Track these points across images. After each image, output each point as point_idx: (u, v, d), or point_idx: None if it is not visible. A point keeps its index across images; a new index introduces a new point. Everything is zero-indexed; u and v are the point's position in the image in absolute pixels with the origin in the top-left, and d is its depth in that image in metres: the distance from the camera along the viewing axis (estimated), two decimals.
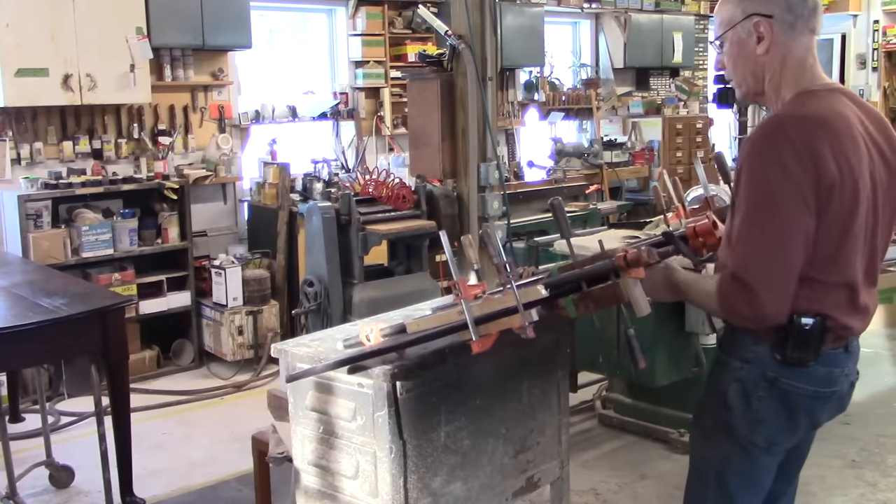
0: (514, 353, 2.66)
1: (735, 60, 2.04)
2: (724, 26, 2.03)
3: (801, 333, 1.93)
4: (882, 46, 10.48)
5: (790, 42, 1.98)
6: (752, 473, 2.11)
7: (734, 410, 2.05)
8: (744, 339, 2.04)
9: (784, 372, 1.98)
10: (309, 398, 2.52)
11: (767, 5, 1.96)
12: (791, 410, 2.03)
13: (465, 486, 2.55)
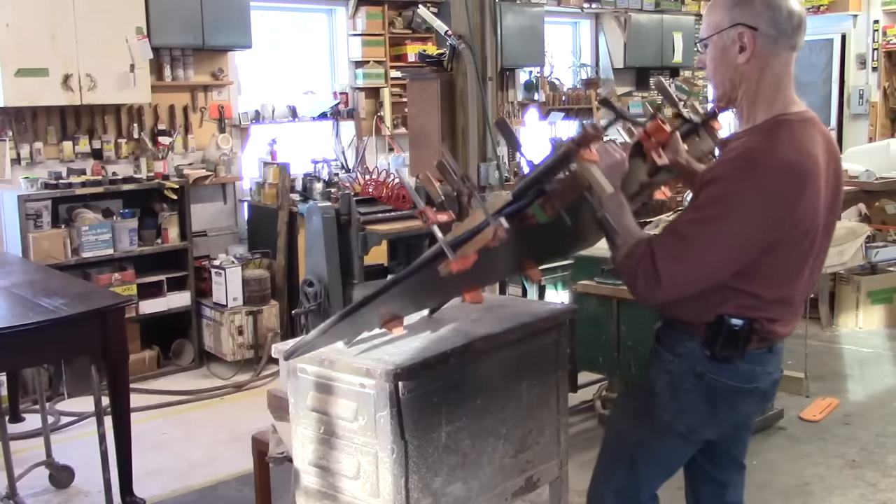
0: (513, 354, 2.67)
1: (716, 64, 2.10)
2: (710, 30, 2.08)
3: (730, 334, 2.06)
4: (882, 46, 10.47)
5: (770, 56, 2.03)
6: (663, 457, 2.26)
7: (660, 398, 2.19)
8: (678, 335, 2.17)
9: (711, 367, 2.11)
10: (310, 398, 2.52)
11: (754, 18, 2.01)
12: (713, 403, 2.15)
13: (466, 487, 2.55)
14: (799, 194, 1.96)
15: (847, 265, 4.78)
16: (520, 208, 2.06)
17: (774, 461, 4.09)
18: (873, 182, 6.56)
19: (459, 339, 2.55)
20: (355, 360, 2.42)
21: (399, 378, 2.31)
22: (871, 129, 10.50)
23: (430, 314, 2.89)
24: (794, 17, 2.02)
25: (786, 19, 2.01)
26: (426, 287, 2.35)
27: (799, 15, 2.03)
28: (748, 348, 2.09)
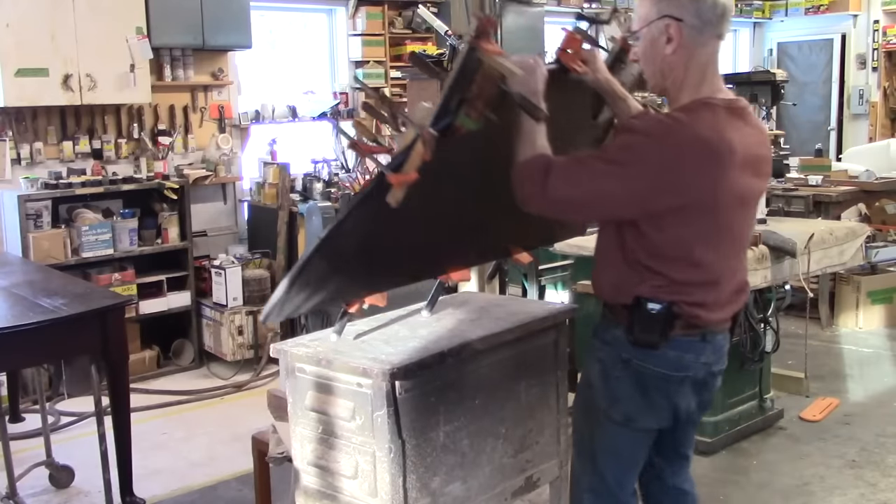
0: (511, 353, 2.67)
1: (647, 56, 2.17)
2: (640, 22, 2.15)
3: (647, 317, 2.11)
4: (882, 46, 10.47)
5: (696, 46, 2.10)
6: (616, 448, 2.29)
7: (595, 388, 2.26)
8: (606, 324, 2.25)
9: (636, 353, 2.16)
10: (308, 398, 2.52)
11: (679, 9, 2.07)
12: (645, 390, 2.20)
13: (465, 486, 2.55)
14: (700, 169, 2.01)
15: (847, 265, 4.77)
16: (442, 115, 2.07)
17: (774, 461, 4.09)
18: (873, 182, 6.56)
19: (457, 339, 2.56)
20: (353, 360, 2.42)
21: (396, 377, 2.32)
22: (871, 129, 10.49)
23: (430, 311, 2.90)
24: (717, 6, 2.08)
25: (710, 9, 2.07)
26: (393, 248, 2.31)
27: (723, 5, 2.09)
28: (673, 334, 2.13)
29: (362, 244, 2.21)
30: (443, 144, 2.03)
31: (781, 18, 11.07)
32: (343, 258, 2.21)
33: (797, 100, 10.29)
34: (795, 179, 6.77)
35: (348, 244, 2.18)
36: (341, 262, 2.22)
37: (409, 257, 2.41)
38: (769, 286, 4.24)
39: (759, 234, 4.17)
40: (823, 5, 10.62)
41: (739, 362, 4.28)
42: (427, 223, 2.29)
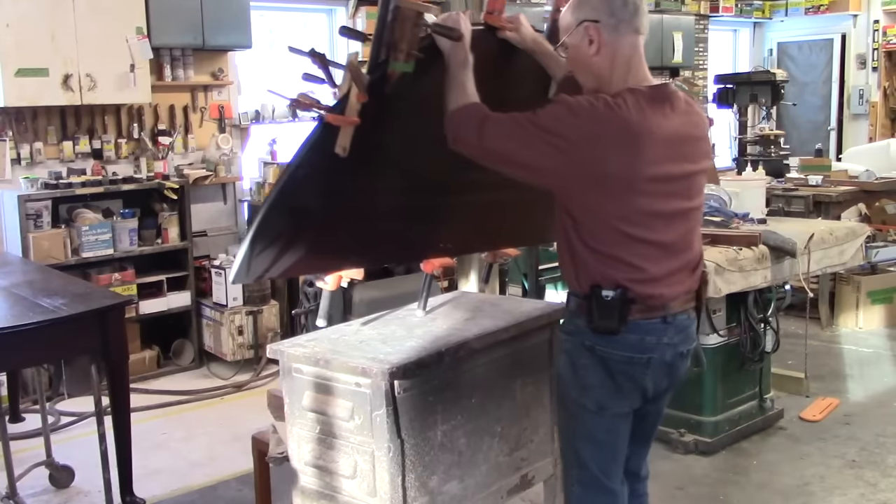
0: (507, 352, 2.67)
1: (576, 63, 2.30)
2: (563, 33, 2.30)
3: (603, 304, 2.19)
4: (882, 46, 10.47)
5: (616, 42, 2.23)
6: (591, 434, 2.34)
7: (565, 379, 2.32)
8: (569, 315, 2.32)
9: (598, 340, 2.23)
10: (306, 398, 2.52)
11: (594, 12, 2.22)
12: (612, 375, 2.26)
13: (462, 485, 2.55)
14: (618, 146, 2.11)
15: (847, 265, 4.77)
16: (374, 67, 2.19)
17: (774, 461, 4.09)
18: (873, 182, 6.56)
19: (454, 338, 2.56)
20: (351, 360, 2.42)
21: (395, 377, 2.32)
22: (871, 129, 10.50)
23: (424, 310, 2.90)
24: (628, 4, 2.23)
25: (621, 7, 2.22)
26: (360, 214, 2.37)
27: (633, 2, 2.24)
28: (631, 318, 2.20)
29: (325, 206, 2.27)
30: (380, 89, 2.15)
31: (781, 18, 11.07)
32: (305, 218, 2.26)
33: (797, 100, 10.30)
34: (795, 179, 6.78)
35: (308, 202, 2.23)
36: (305, 224, 2.27)
37: (379, 229, 2.46)
38: (769, 286, 4.24)
39: (759, 234, 4.17)
40: (823, 5, 10.62)
41: (739, 362, 4.28)
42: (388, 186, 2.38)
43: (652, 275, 2.21)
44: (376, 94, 2.17)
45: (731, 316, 4.20)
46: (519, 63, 2.58)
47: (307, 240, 2.33)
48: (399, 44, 2.17)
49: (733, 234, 4.21)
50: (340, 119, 2.14)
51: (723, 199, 4.71)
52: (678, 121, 2.22)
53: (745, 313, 4.25)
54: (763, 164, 7.01)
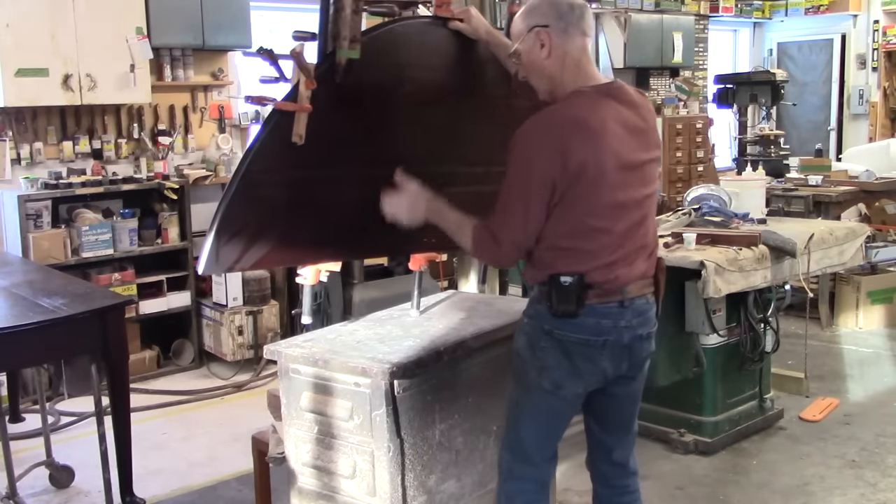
0: (503, 351, 2.68)
1: (530, 69, 2.41)
2: (515, 41, 2.40)
3: (561, 289, 2.30)
4: (882, 46, 10.47)
5: (566, 45, 2.35)
6: (539, 414, 2.43)
7: (524, 359, 2.40)
8: (531, 300, 2.41)
9: (556, 323, 2.33)
10: (304, 399, 2.52)
11: (543, 17, 2.35)
12: (569, 357, 2.35)
13: (459, 484, 2.56)
14: (579, 142, 2.24)
15: (847, 265, 4.77)
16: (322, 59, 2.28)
17: (774, 461, 4.09)
18: (873, 182, 6.56)
19: (451, 338, 2.57)
20: (350, 360, 2.43)
21: (395, 376, 2.32)
22: (871, 129, 10.50)
23: (419, 310, 2.91)
24: (574, 8, 2.36)
25: (568, 11, 2.35)
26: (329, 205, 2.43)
27: (579, 5, 2.38)
28: (589, 302, 2.31)
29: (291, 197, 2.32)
30: (331, 79, 2.26)
31: (781, 18, 11.07)
32: (271, 209, 2.30)
33: (797, 100, 10.30)
34: (795, 179, 6.78)
35: (270, 193, 2.28)
36: (272, 214, 2.30)
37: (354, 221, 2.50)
38: (769, 286, 4.24)
39: (759, 234, 4.17)
40: (823, 5, 10.62)
41: (739, 362, 4.28)
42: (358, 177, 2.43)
43: (608, 261, 2.32)
44: (329, 83, 2.27)
45: (731, 316, 4.20)
46: (476, 53, 2.68)
47: (276, 231, 2.35)
48: (342, 31, 2.27)
49: (733, 234, 4.22)
50: (291, 105, 2.22)
51: (723, 199, 4.71)
52: (626, 113, 2.35)
53: (745, 313, 4.25)
54: (763, 164, 7.02)
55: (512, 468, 2.46)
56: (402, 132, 2.54)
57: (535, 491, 2.47)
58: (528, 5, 2.39)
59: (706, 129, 9.16)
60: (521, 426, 2.44)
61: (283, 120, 2.23)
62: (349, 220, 2.49)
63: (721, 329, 4.12)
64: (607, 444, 2.58)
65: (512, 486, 2.46)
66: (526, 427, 2.44)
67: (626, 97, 2.38)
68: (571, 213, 2.28)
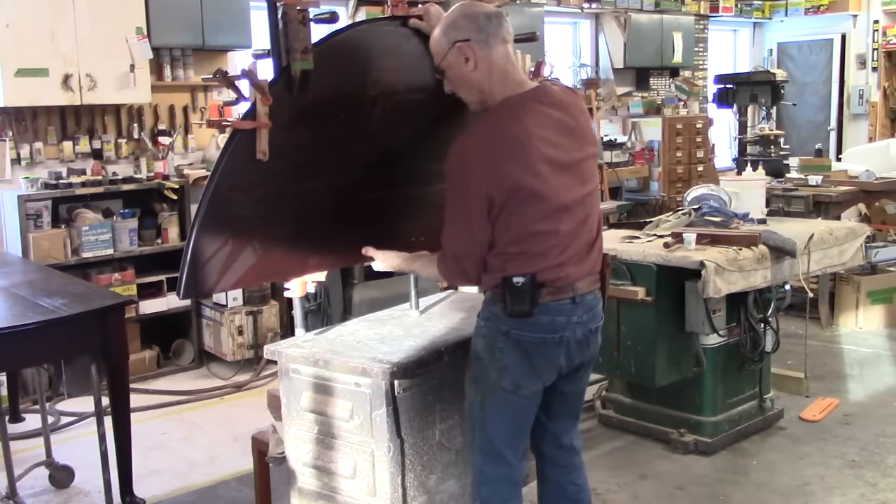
0: None
1: (458, 83, 2.45)
2: (438, 59, 2.45)
3: (514, 290, 2.34)
4: (882, 46, 10.48)
5: (490, 55, 2.40)
6: (504, 414, 2.46)
7: (483, 361, 2.43)
8: (486, 303, 2.45)
9: (513, 324, 2.37)
10: (304, 399, 2.52)
11: (463, 32, 2.39)
12: (527, 356, 2.40)
13: (459, 484, 2.56)
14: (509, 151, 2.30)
15: (847, 265, 4.77)
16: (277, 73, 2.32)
17: (774, 461, 4.09)
18: (873, 182, 6.56)
19: (451, 338, 2.57)
20: (351, 360, 2.43)
21: (395, 376, 2.33)
22: (871, 129, 10.51)
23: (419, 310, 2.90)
24: (491, 18, 2.42)
25: (485, 22, 2.40)
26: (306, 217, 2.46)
27: (496, 14, 2.43)
28: (542, 301, 2.36)
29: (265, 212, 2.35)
30: (289, 92, 2.31)
31: (781, 18, 11.08)
32: (247, 226, 2.31)
33: (797, 100, 10.30)
34: (795, 179, 6.77)
35: (243, 210, 2.30)
36: (248, 231, 2.32)
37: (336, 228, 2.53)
38: (769, 286, 4.24)
39: (759, 233, 4.17)
40: (823, 5, 10.63)
41: (739, 362, 4.28)
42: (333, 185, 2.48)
43: (558, 261, 2.38)
44: (287, 98, 2.29)
45: (731, 316, 4.20)
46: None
47: (254, 248, 2.36)
48: (293, 44, 2.29)
49: (733, 234, 4.21)
50: (249, 123, 2.25)
51: (723, 199, 4.71)
52: (556, 115, 2.39)
53: (745, 313, 4.25)
54: (763, 164, 7.02)
55: (484, 470, 2.49)
56: (373, 135, 2.56)
57: (509, 490, 2.51)
58: (444, 22, 2.44)
59: (706, 129, 9.17)
60: (489, 427, 2.47)
61: (244, 138, 2.25)
62: (329, 228, 2.51)
63: (721, 329, 4.12)
64: (555, 431, 2.64)
65: (487, 489, 2.49)
66: (494, 427, 2.46)
67: (553, 99, 2.43)
68: (515, 222, 2.33)
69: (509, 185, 2.29)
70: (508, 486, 2.50)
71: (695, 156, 8.90)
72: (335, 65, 2.40)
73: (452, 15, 2.43)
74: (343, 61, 2.44)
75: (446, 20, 2.44)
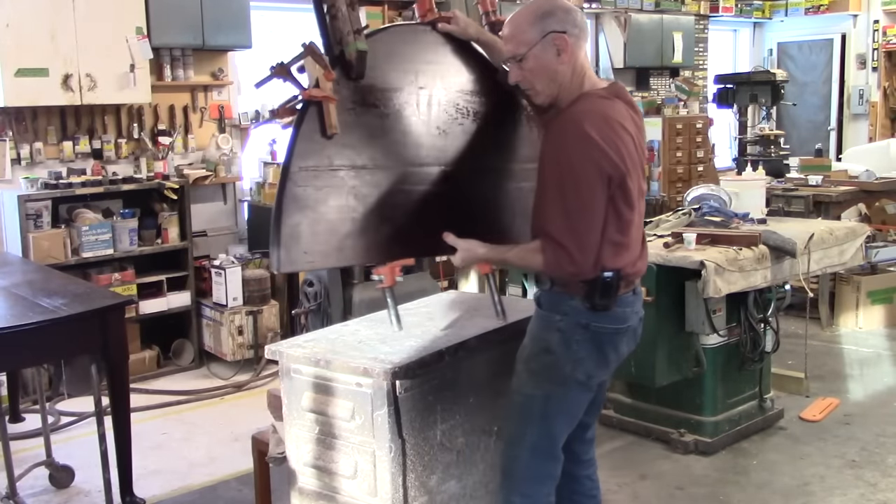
0: (503, 351, 2.68)
1: (538, 73, 2.44)
2: (525, 46, 2.42)
3: (605, 285, 2.39)
4: (882, 46, 10.47)
5: (577, 51, 2.45)
6: (569, 407, 2.52)
7: (556, 354, 2.45)
8: (560, 297, 2.46)
9: (593, 317, 2.43)
10: (305, 399, 2.52)
11: (562, 24, 2.41)
12: (601, 347, 2.47)
13: (460, 484, 2.56)
14: (620, 141, 2.35)
15: (847, 265, 4.77)
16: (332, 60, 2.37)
17: (774, 461, 4.09)
18: (873, 182, 6.56)
19: (453, 338, 2.57)
20: (352, 360, 2.43)
21: (397, 377, 2.32)
22: (871, 129, 10.50)
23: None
24: (582, 16, 2.48)
25: (581, 20, 2.46)
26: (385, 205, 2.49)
27: (582, 15, 2.50)
28: (619, 294, 2.43)
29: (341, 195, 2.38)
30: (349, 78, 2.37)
31: (781, 18, 11.08)
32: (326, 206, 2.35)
33: (797, 100, 10.30)
34: (795, 179, 6.78)
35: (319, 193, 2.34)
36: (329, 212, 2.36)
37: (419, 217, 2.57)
38: (769, 286, 4.24)
39: (759, 234, 4.17)
40: (823, 5, 10.63)
41: (739, 362, 4.28)
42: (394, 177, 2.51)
43: (637, 253, 2.49)
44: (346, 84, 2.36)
45: (731, 316, 4.20)
46: (464, 52, 2.75)
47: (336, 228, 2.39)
48: (344, 29, 2.34)
49: (733, 234, 4.22)
50: (319, 93, 2.28)
51: (723, 199, 4.71)
52: (630, 112, 2.47)
53: (745, 313, 4.25)
54: (763, 164, 7.02)
55: (532, 466, 2.50)
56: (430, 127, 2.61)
57: (551, 485, 2.54)
58: (534, 10, 2.42)
59: (706, 129, 9.16)
60: (551, 421, 2.49)
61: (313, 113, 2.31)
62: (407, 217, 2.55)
63: (721, 329, 4.12)
64: (587, 422, 2.68)
65: (532, 486, 2.50)
66: (559, 423, 2.50)
67: (628, 97, 2.51)
68: (622, 209, 2.37)
69: (622, 165, 2.33)
70: (552, 483, 2.53)
71: (695, 156, 8.89)
72: (385, 57, 2.48)
73: (545, 5, 2.42)
74: (391, 55, 2.52)
75: (536, 9, 2.43)
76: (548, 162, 2.39)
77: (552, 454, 2.51)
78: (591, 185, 2.32)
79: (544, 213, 2.39)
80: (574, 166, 2.32)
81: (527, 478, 2.49)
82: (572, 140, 2.33)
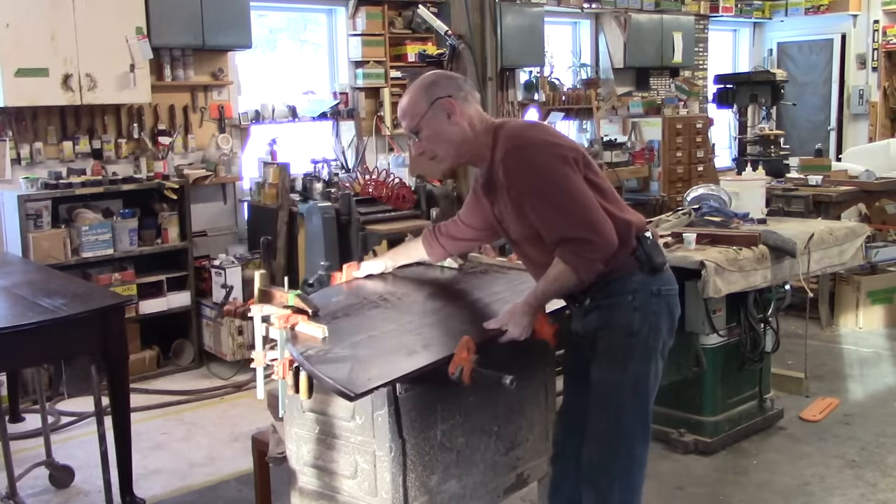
0: (503, 351, 2.67)
1: (436, 140, 2.56)
2: (418, 118, 2.54)
3: (651, 243, 2.55)
4: (882, 46, 10.48)
5: (467, 109, 2.56)
6: (655, 381, 2.63)
7: (640, 333, 2.53)
8: (621, 281, 2.53)
9: (659, 280, 2.55)
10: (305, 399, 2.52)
11: (446, 89, 2.55)
12: (671, 311, 2.61)
13: (460, 484, 2.56)
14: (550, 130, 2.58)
15: (847, 265, 4.77)
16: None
17: (774, 461, 4.09)
18: (873, 182, 6.56)
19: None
20: None
21: None
22: (871, 129, 10.51)
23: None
24: (467, 82, 2.65)
25: (463, 82, 2.62)
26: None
27: (467, 81, 2.68)
28: None
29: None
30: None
31: (781, 18, 11.08)
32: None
33: (797, 100, 10.31)
34: (795, 179, 6.77)
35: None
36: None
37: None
38: (769, 286, 4.24)
39: (759, 234, 4.17)
40: (823, 5, 10.63)
41: (739, 362, 4.28)
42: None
43: (632, 211, 2.62)
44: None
45: (731, 316, 4.20)
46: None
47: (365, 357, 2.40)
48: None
49: (733, 234, 4.22)
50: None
51: (723, 199, 4.71)
52: None
53: (745, 313, 4.25)
54: (763, 164, 7.01)
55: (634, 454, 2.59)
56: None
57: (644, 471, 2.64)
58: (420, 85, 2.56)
59: (706, 129, 9.17)
60: (645, 402, 2.60)
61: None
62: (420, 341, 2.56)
63: (721, 329, 4.12)
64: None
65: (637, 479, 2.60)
66: (649, 401, 2.61)
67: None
68: (594, 179, 2.51)
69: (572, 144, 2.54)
70: (645, 469, 2.62)
71: (695, 156, 8.90)
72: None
73: (428, 78, 2.59)
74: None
75: (421, 84, 2.57)
76: (523, 193, 2.46)
77: (647, 435, 2.61)
78: (564, 174, 2.42)
79: (547, 228, 2.45)
80: (543, 172, 2.43)
81: (626, 469, 2.57)
82: (525, 157, 2.44)
